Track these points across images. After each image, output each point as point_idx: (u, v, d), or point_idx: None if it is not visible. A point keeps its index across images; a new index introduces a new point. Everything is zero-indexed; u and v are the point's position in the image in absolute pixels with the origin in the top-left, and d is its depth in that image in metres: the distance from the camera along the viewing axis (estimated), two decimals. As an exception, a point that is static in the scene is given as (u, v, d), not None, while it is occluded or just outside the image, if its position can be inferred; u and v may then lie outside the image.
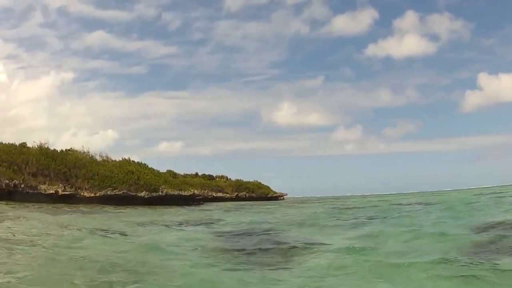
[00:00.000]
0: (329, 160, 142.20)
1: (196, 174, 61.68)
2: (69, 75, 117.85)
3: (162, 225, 22.15)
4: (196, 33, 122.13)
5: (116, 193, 39.05)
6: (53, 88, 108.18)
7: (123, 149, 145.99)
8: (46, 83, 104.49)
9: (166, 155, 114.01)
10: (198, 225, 23.06)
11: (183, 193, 45.68)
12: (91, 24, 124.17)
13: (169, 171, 51.21)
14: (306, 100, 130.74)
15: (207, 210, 38.76)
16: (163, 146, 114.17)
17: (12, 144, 40.49)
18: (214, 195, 55.56)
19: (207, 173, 63.29)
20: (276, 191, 75.18)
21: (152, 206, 38.96)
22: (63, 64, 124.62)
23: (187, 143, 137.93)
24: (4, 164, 36.79)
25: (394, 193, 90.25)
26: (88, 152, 43.48)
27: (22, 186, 35.29)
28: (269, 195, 71.48)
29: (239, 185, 65.09)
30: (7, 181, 35.20)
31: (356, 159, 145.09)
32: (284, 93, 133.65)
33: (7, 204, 30.19)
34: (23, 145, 40.49)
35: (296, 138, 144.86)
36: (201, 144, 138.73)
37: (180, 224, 23.39)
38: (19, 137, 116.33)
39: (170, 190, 43.90)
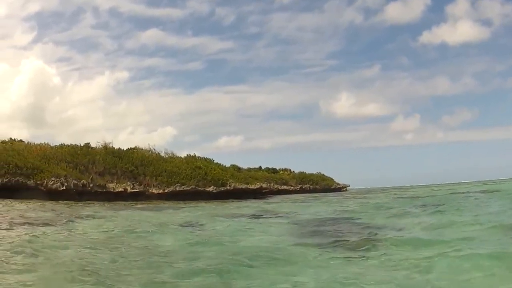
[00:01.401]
0: (388, 150, 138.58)
1: (260, 167, 60.21)
2: (124, 74, 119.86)
3: (246, 216, 22.23)
4: (251, 27, 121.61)
5: (185, 188, 38.02)
6: (109, 88, 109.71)
7: (182, 145, 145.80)
8: (101, 83, 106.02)
9: (226, 149, 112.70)
10: (277, 216, 22.57)
11: (250, 186, 44.17)
12: (144, 23, 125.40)
13: (233, 166, 49.88)
14: (364, 90, 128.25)
15: (277, 202, 37.68)
16: (223, 141, 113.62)
17: (76, 145, 40.30)
18: (279, 188, 53.87)
19: (268, 166, 61.72)
20: (339, 183, 72.75)
21: (221, 200, 37.73)
22: (118, 64, 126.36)
23: (247, 137, 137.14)
24: (70, 165, 36.51)
25: (452, 182, 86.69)
26: (154, 149, 42.93)
27: (91, 185, 34.79)
28: (332, 187, 69.39)
29: (303, 177, 63.44)
30: (75, 181, 34.80)
31: (414, 149, 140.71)
32: (342, 83, 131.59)
33: (77, 204, 30.11)
34: (87, 145, 40.10)
35: (355, 129, 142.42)
36: (260, 137, 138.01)
37: (260, 215, 23.09)
38: (75, 138, 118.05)
39: (237, 184, 42.43)
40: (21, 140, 44.62)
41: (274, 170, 61.68)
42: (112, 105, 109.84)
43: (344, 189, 73.87)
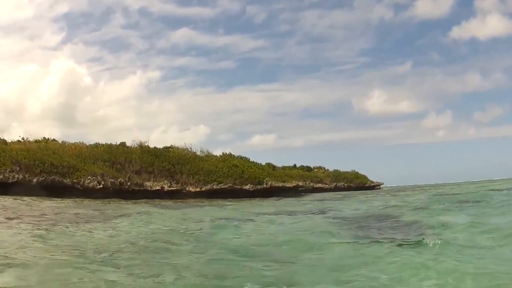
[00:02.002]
0: (420, 147, 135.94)
1: (294, 165, 59.30)
2: (156, 74, 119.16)
3: (287, 214, 22.31)
4: (282, 25, 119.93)
5: (222, 187, 37.28)
6: (140, 87, 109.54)
7: (215, 143, 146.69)
8: (133, 83, 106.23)
9: (259, 148, 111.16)
10: (320, 213, 22.75)
11: (286, 184, 43.21)
12: (175, 22, 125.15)
13: (268, 164, 49.01)
14: (396, 87, 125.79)
15: (315, 200, 37.42)
16: (256, 139, 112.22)
17: (112, 144, 39.99)
18: (314, 186, 52.76)
19: (302, 165, 60.87)
20: (373, 181, 71.24)
21: (258, 198, 37.10)
22: (149, 64, 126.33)
23: (280, 135, 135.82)
24: (107, 163, 36.09)
25: (484, 179, 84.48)
26: (191, 148, 42.51)
27: (128, 184, 34.30)
28: (366, 185, 67.92)
29: (337, 175, 62.32)
30: (112, 180, 34.35)
31: (446, 146, 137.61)
32: (374, 81, 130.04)
33: (119, 202, 29.78)
34: (123, 144, 39.64)
35: (388, 126, 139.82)
36: (293, 135, 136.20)
37: (304, 212, 23.42)
38: (107, 137, 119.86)
39: (273, 182, 41.49)
40: (54, 140, 44.51)
41: (308, 168, 60.70)
42: (144, 104, 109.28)
43: (378, 187, 72.37)
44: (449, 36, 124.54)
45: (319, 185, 54.89)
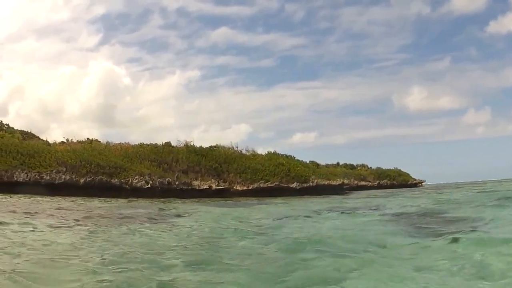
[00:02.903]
0: (459, 144, 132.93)
1: (338, 163, 58.49)
2: (196, 73, 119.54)
3: (339, 211, 22.08)
4: (321, 22, 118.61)
5: (269, 185, 36.83)
6: (180, 87, 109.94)
7: (257, 142, 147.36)
8: (172, 82, 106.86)
9: (300, 146, 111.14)
10: (369, 209, 22.69)
11: (332, 182, 42.41)
12: (213, 22, 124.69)
13: (312, 162, 48.36)
14: (435, 83, 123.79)
15: (362, 197, 37.02)
16: (297, 137, 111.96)
17: (156, 144, 39.98)
18: (358, 183, 51.81)
19: (345, 162, 60.03)
20: (415, 178, 69.77)
21: (305, 196, 36.71)
22: (189, 63, 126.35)
23: (321, 133, 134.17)
24: (154, 163, 36.05)
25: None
26: (237, 147, 42.29)
27: (177, 183, 34.15)
28: (409, 182, 66.47)
29: (380, 173, 61.26)
30: (161, 179, 34.26)
31: (486, 142, 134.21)
32: (414, 77, 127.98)
33: (172, 201, 29.74)
34: (168, 144, 39.55)
35: (428, 123, 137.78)
36: (334, 133, 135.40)
37: (354, 209, 23.51)
38: (147, 136, 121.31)
39: (319, 180, 40.77)
40: (97, 140, 44.80)
41: (351, 166, 59.91)
42: (184, 104, 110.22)
43: (420, 184, 70.77)
44: (486, 31, 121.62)
45: (363, 183, 53.99)
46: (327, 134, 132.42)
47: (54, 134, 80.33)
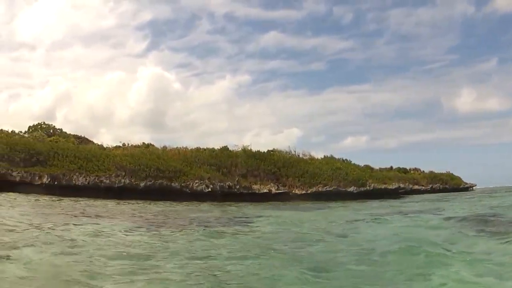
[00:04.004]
0: (508, 147, 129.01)
1: (391, 167, 57.96)
2: (246, 78, 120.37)
3: (406, 214, 22.72)
4: (369, 24, 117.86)
5: (327, 189, 36.81)
6: (230, 91, 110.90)
7: (308, 146, 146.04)
8: (223, 87, 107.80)
9: (352, 149, 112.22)
10: (432, 213, 22.70)
11: (388, 186, 42.05)
12: (262, 26, 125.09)
13: (367, 166, 48.01)
14: (483, 84, 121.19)
15: (419, 201, 36.43)
16: (349, 141, 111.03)
17: (214, 148, 40.51)
18: (412, 187, 51.10)
19: (398, 166, 59.46)
20: (467, 182, 68.33)
21: (362, 200, 36.84)
22: (239, 68, 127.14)
23: (372, 137, 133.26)
24: (213, 167, 36.41)
25: None
26: (295, 151, 42.73)
27: (237, 187, 34.44)
28: (460, 186, 65.16)
29: (433, 176, 60.23)
30: (221, 184, 34.64)
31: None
32: (462, 78, 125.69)
33: (232, 205, 30.32)
34: (225, 148, 39.92)
35: (476, 125, 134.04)
36: (385, 136, 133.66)
37: (419, 212, 23.90)
38: (197, 141, 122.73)
39: (376, 184, 40.43)
40: (152, 145, 45.56)
41: (404, 170, 59.24)
42: (235, 108, 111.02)
43: (471, 188, 69.22)
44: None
45: (416, 186, 53.21)
46: (378, 138, 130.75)
47: (104, 139, 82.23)
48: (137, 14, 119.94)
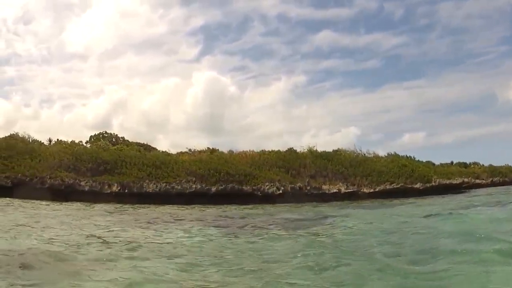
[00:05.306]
0: None
1: (452, 162, 58.07)
2: (301, 78, 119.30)
3: (478, 206, 24.17)
4: (421, 19, 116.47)
5: (394, 186, 37.62)
6: (287, 93, 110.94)
7: (366, 144, 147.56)
8: (279, 89, 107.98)
9: (410, 146, 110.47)
10: (503, 206, 23.67)
11: (453, 181, 42.41)
12: (315, 26, 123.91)
13: (428, 162, 48.50)
14: None
15: (485, 195, 37.19)
16: (406, 137, 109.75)
17: (280, 150, 41.66)
18: (474, 182, 50.98)
19: (458, 161, 59.46)
20: (526, 174, 67.07)
21: (428, 196, 37.25)
22: (294, 69, 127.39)
23: (429, 133, 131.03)
24: (282, 169, 37.64)
25: None
26: (361, 150, 43.75)
27: (308, 188, 35.63)
28: (519, 179, 63.97)
29: (493, 170, 59.58)
30: (292, 185, 35.84)
31: None
32: None
33: (307, 205, 31.43)
34: (291, 150, 41.25)
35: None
36: (442, 132, 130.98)
37: (497, 203, 25.17)
38: (256, 143, 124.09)
39: (441, 179, 40.85)
40: (216, 149, 47.09)
41: (465, 165, 59.11)
42: (291, 109, 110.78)
43: (531, 181, 67.94)
44: None
45: (477, 181, 52.92)
46: (435, 134, 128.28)
47: (161, 145, 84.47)
48: (188, 20, 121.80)
